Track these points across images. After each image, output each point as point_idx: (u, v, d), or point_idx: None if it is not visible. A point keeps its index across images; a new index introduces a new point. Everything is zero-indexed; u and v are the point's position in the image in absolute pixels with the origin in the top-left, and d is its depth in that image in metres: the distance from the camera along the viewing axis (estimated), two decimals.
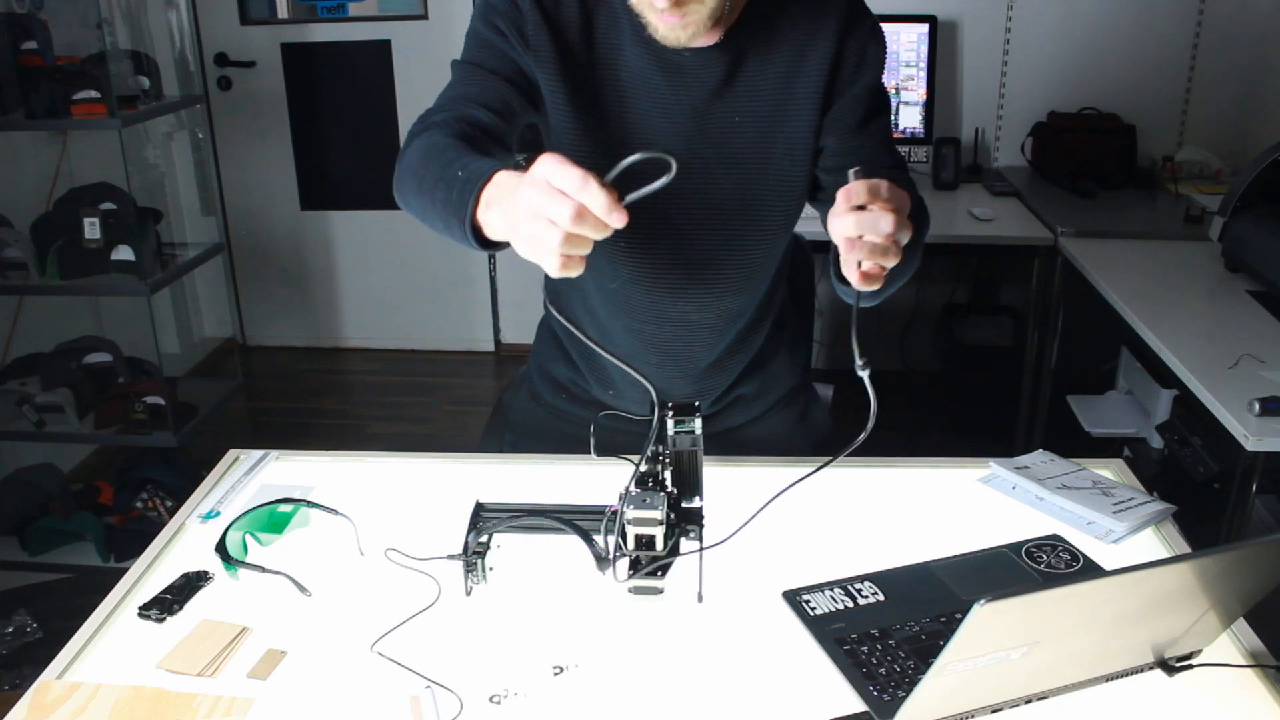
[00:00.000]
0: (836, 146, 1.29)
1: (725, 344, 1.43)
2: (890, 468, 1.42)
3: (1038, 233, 2.69)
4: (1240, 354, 1.86)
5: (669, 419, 1.17)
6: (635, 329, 1.40)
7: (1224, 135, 3.20)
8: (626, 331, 1.40)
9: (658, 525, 1.06)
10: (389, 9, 3.78)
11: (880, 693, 0.98)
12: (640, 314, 1.38)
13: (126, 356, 2.73)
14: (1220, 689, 1.01)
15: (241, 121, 3.92)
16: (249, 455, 1.47)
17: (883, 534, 1.25)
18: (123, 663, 1.07)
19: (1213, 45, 3.20)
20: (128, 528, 2.69)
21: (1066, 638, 0.91)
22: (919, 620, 1.08)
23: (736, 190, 1.29)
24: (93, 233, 2.59)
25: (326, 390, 3.97)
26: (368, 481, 1.40)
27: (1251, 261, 2.21)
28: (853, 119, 1.28)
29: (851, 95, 1.27)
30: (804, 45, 1.25)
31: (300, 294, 4.15)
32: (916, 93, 3.05)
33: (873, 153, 1.28)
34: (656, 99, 1.25)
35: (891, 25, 3.03)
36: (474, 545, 1.14)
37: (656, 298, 1.36)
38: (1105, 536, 1.25)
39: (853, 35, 1.26)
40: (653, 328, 1.39)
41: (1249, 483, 1.75)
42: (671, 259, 1.33)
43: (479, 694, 1.01)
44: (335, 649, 1.08)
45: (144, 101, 2.71)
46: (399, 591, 1.16)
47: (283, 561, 1.21)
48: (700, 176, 1.27)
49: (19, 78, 2.52)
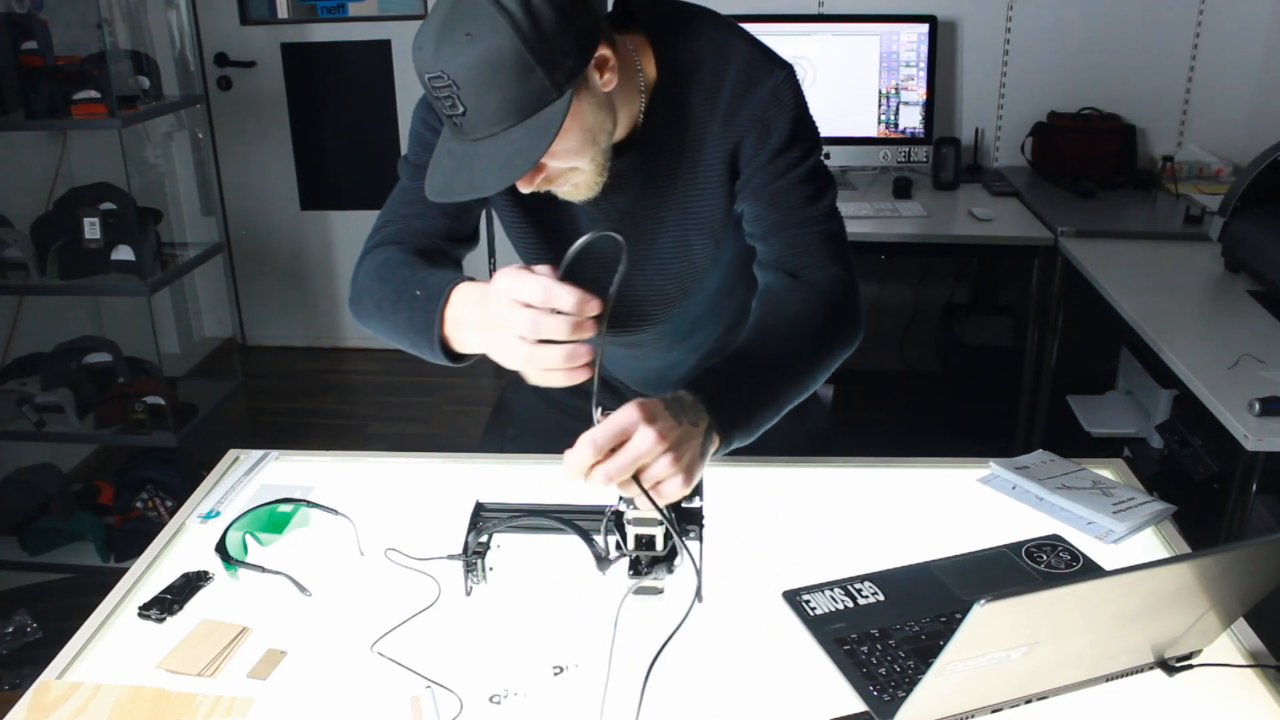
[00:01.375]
0: (751, 212, 1.27)
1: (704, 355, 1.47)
2: (890, 468, 1.42)
3: (1038, 233, 2.69)
4: (1240, 354, 1.86)
5: None
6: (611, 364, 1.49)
7: (1224, 135, 3.20)
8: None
9: (658, 525, 1.06)
10: (389, 9, 3.78)
11: (880, 693, 0.98)
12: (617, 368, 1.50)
13: (126, 356, 2.73)
14: (1220, 689, 1.01)
15: (241, 121, 3.92)
16: (249, 455, 1.47)
17: (883, 534, 1.25)
18: (123, 663, 1.07)
19: (1213, 45, 3.20)
20: (128, 528, 2.69)
21: (1066, 638, 0.91)
22: (919, 620, 1.08)
23: (656, 276, 1.31)
24: (93, 233, 2.59)
25: (326, 390, 3.97)
26: (368, 481, 1.40)
27: (1251, 261, 2.21)
28: (764, 182, 1.24)
29: (758, 164, 1.23)
30: (705, 129, 1.23)
31: (300, 294, 4.15)
32: (916, 93, 3.05)
33: (787, 200, 1.24)
34: (585, 209, 1.25)
35: (891, 25, 3.03)
36: (474, 545, 1.14)
37: (623, 363, 1.47)
38: (1105, 536, 1.25)
39: (746, 108, 1.21)
40: (626, 366, 1.48)
41: (1249, 483, 1.75)
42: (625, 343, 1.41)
43: (479, 694, 1.01)
44: (335, 649, 1.08)
45: (144, 101, 2.71)
46: (399, 591, 1.16)
47: (283, 561, 1.21)
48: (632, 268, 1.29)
49: (19, 78, 2.52)
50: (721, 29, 1.24)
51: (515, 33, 0.98)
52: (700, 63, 1.21)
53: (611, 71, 1.09)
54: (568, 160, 1.11)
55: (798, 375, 1.15)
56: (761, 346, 1.15)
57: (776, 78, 1.22)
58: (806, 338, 1.18)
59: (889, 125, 3.07)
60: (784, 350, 1.15)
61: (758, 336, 1.17)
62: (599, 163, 1.14)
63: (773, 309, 1.21)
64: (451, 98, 1.01)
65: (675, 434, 0.98)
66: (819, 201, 1.25)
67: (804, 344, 1.17)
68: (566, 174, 1.14)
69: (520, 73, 1.00)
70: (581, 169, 1.14)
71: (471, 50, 0.99)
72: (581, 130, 1.09)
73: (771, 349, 1.15)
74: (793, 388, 1.15)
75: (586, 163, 1.13)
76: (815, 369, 1.17)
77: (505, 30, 0.98)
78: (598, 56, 1.07)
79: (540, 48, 1.00)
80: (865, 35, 3.03)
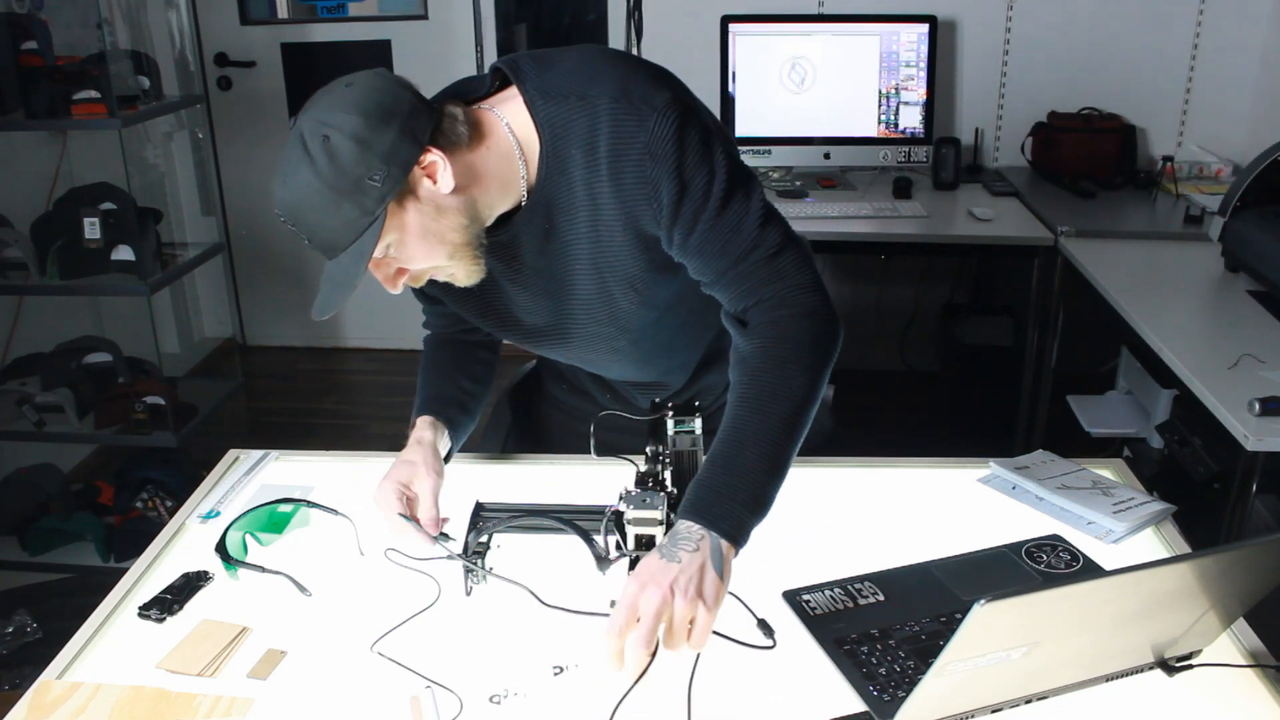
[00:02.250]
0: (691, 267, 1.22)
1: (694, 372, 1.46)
2: (890, 468, 1.42)
3: (1038, 233, 2.69)
4: (1240, 354, 1.86)
5: (669, 419, 1.18)
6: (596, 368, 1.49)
7: (1224, 135, 3.20)
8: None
9: (658, 525, 1.06)
10: (389, 9, 3.78)
11: (880, 693, 0.98)
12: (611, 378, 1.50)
13: (126, 356, 2.73)
14: (1220, 689, 1.01)
15: (241, 121, 3.92)
16: (249, 455, 1.47)
17: (883, 534, 1.25)
18: (123, 663, 1.07)
19: (1213, 45, 3.19)
20: (128, 528, 2.68)
21: (1066, 638, 0.91)
22: (919, 620, 1.08)
23: (593, 324, 1.30)
24: (93, 233, 2.58)
25: (326, 390, 3.97)
26: (368, 481, 1.39)
27: (1251, 261, 2.21)
28: (682, 238, 1.18)
29: (667, 224, 1.17)
30: (594, 190, 1.17)
31: (300, 294, 4.14)
32: (916, 93, 3.05)
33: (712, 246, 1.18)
34: (500, 270, 1.26)
35: (891, 25, 3.03)
36: (474, 545, 1.14)
37: (612, 377, 1.47)
38: (1105, 536, 1.25)
39: (627, 171, 1.15)
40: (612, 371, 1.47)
41: (1249, 483, 1.75)
42: (601, 366, 1.44)
43: (479, 694, 1.01)
44: (335, 649, 1.08)
45: (144, 101, 2.71)
46: (399, 591, 1.16)
47: (283, 561, 1.21)
48: (566, 317, 1.30)
49: (19, 78, 2.52)
50: (587, 80, 1.16)
51: (315, 174, 1.05)
52: (569, 123, 1.15)
53: (444, 174, 1.09)
54: (423, 263, 1.15)
55: (791, 429, 1.12)
56: (743, 428, 1.11)
57: (647, 128, 1.12)
58: (789, 392, 1.13)
59: (889, 125, 3.07)
60: (767, 421, 1.11)
61: (738, 417, 1.12)
62: (466, 254, 1.15)
63: (750, 378, 1.15)
64: (295, 230, 1.10)
65: (678, 579, 1.00)
66: (744, 223, 1.17)
67: (789, 397, 1.13)
68: (432, 270, 1.17)
69: (329, 208, 1.06)
70: (444, 265, 1.15)
71: (287, 191, 1.08)
72: (420, 237, 1.12)
73: (752, 426, 1.11)
74: (789, 442, 1.12)
75: (445, 259, 1.14)
76: (807, 409, 1.14)
77: (307, 172, 1.06)
78: (425, 165, 1.09)
79: (340, 183, 1.05)
80: (865, 35, 3.03)
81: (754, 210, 1.17)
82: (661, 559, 1.01)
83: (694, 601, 0.99)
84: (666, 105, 1.13)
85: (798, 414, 1.12)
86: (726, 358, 1.48)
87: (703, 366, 1.46)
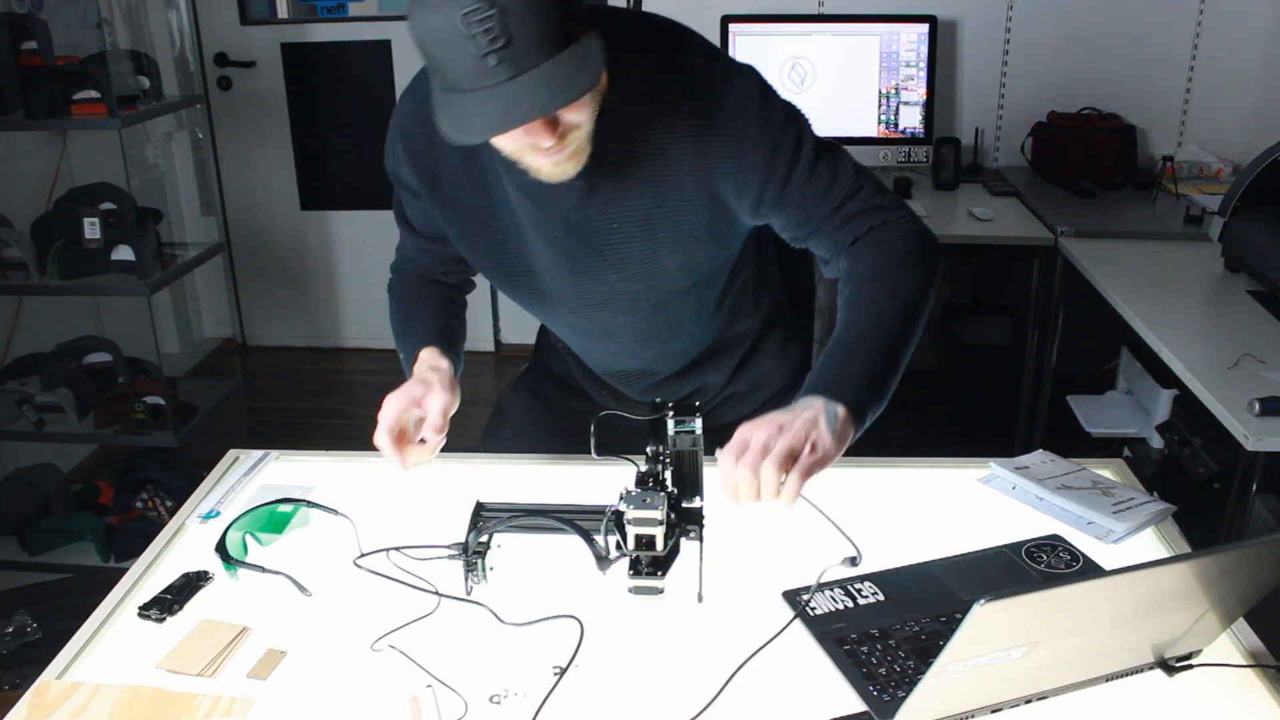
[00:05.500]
0: (781, 222, 1.27)
1: (690, 362, 1.47)
2: (890, 468, 1.42)
3: (1038, 233, 2.69)
4: (1240, 354, 1.86)
5: (669, 419, 1.17)
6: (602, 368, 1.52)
7: (1224, 135, 3.20)
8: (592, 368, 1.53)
9: (658, 525, 1.06)
10: (389, 9, 3.78)
11: (880, 693, 0.98)
12: (598, 366, 1.52)
13: (126, 356, 2.73)
14: (1220, 689, 1.01)
15: (241, 121, 3.92)
16: (249, 455, 1.47)
17: (883, 534, 1.25)
18: (123, 663, 1.07)
19: (1213, 45, 3.19)
20: (128, 528, 2.69)
21: (1066, 638, 0.91)
22: (919, 620, 1.08)
23: (624, 281, 1.31)
24: (93, 233, 2.58)
25: (326, 390, 3.97)
26: (368, 481, 1.40)
27: (1251, 261, 2.21)
28: (776, 194, 1.23)
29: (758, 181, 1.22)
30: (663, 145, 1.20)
31: (300, 294, 4.15)
32: (916, 93, 3.05)
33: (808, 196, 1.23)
34: (531, 218, 1.26)
35: (891, 25, 3.03)
36: (474, 545, 1.14)
37: (603, 359, 1.49)
38: (1105, 536, 1.25)
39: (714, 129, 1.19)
40: (604, 362, 1.50)
41: (1249, 483, 1.75)
42: (598, 336, 1.44)
43: (479, 694, 1.01)
44: (335, 649, 1.08)
45: (144, 101, 2.71)
46: (399, 591, 1.16)
47: (283, 561, 1.21)
48: (587, 275, 1.31)
49: (19, 78, 2.52)
50: (670, 43, 1.21)
51: None
52: (650, 79, 1.17)
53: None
54: (581, 111, 1.09)
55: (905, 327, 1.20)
56: (859, 325, 1.20)
57: (735, 88, 1.19)
58: (902, 294, 1.22)
59: (889, 125, 3.07)
60: (883, 319, 1.20)
61: (852, 318, 1.21)
62: (590, 128, 1.13)
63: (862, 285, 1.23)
64: (494, 29, 0.96)
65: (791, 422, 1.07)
66: (840, 171, 1.23)
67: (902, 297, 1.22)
68: (573, 132, 1.11)
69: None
70: (582, 128, 1.12)
71: None
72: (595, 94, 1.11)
73: (869, 322, 1.20)
74: (904, 339, 1.20)
75: (588, 120, 1.12)
76: (919, 312, 1.22)
77: None
78: None
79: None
80: (865, 35, 3.03)
81: (845, 159, 1.25)
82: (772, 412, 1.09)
83: (801, 440, 1.05)
84: (751, 72, 1.22)
85: (912, 313, 1.21)
86: (726, 357, 1.49)
87: (700, 363, 1.46)
